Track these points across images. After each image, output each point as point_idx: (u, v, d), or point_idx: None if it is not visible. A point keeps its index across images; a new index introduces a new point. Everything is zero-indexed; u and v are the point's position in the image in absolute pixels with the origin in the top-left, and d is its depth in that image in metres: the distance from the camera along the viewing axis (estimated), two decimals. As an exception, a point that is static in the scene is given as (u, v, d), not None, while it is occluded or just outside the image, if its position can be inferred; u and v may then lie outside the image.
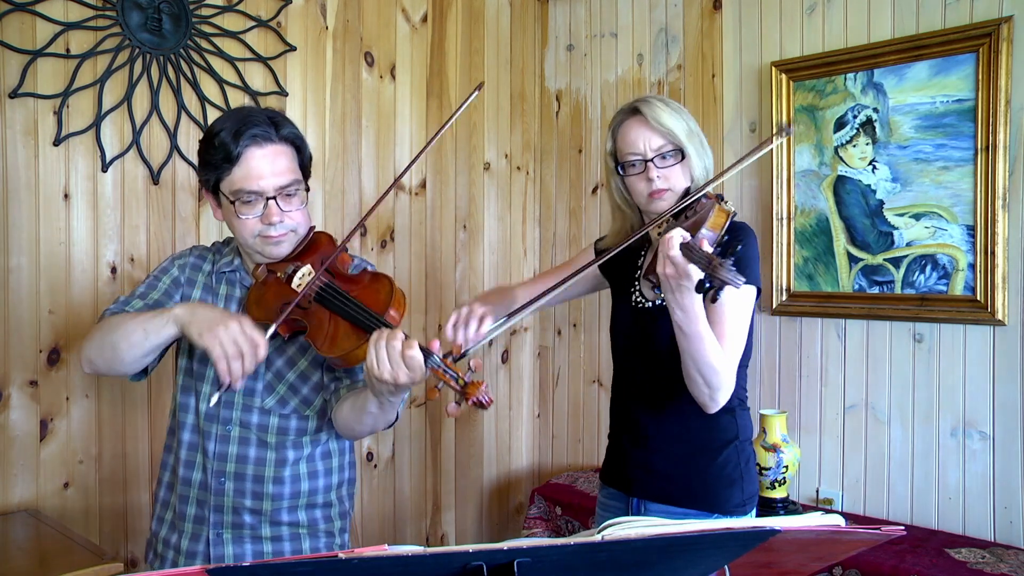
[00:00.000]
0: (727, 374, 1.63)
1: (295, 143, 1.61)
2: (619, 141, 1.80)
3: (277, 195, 1.55)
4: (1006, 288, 2.29)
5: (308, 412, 1.66)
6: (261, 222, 1.56)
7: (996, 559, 2.16)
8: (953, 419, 2.41)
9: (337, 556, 0.78)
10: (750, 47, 2.81)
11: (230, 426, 1.63)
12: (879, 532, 0.98)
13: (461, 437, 3.21)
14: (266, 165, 1.54)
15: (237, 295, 1.67)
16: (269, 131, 1.56)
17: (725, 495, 1.77)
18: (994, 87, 2.27)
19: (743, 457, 1.81)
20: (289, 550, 1.65)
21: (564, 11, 3.39)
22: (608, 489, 1.95)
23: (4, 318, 2.15)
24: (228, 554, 1.63)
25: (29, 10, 2.15)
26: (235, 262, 1.70)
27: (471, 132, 3.21)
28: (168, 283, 1.68)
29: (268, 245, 1.59)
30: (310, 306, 1.55)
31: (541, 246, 3.48)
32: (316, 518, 1.69)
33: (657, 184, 1.72)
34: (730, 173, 1.69)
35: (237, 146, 1.52)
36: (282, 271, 1.61)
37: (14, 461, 2.16)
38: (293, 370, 1.65)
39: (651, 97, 1.78)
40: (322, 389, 1.67)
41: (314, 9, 2.73)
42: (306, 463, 1.67)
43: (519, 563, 0.83)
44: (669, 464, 1.80)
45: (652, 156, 1.73)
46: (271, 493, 1.62)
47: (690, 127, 1.76)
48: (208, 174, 1.58)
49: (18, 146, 2.16)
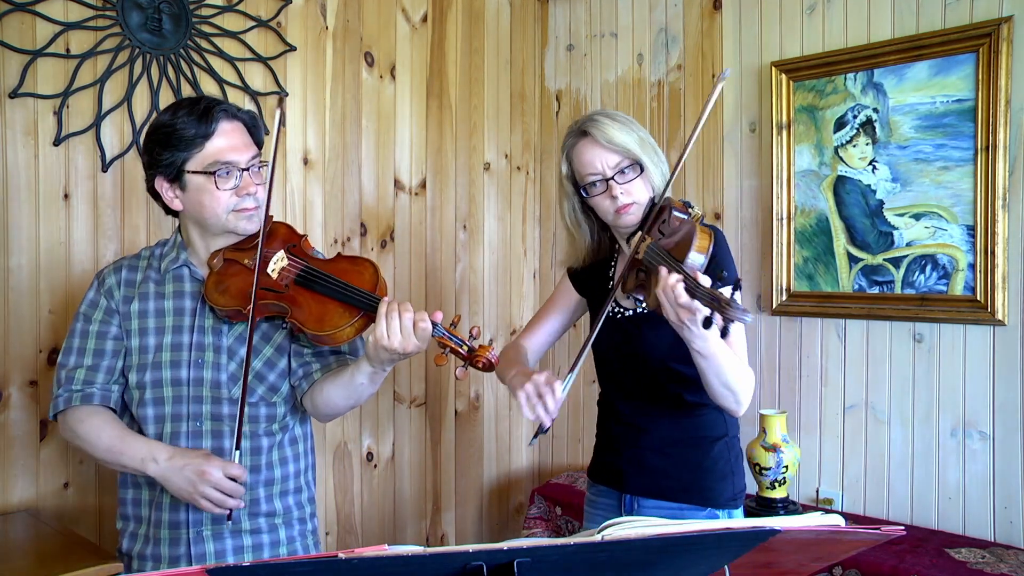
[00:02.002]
0: (748, 378, 1.66)
1: (248, 123, 1.66)
2: (575, 164, 1.81)
3: (249, 167, 1.60)
4: (1006, 288, 2.29)
5: (275, 399, 1.68)
6: (236, 194, 1.59)
7: (996, 559, 2.16)
8: (953, 419, 2.41)
9: (337, 556, 0.78)
10: (750, 47, 2.81)
11: (200, 421, 1.64)
12: (879, 532, 0.98)
13: (461, 437, 3.21)
14: (238, 137, 1.61)
15: (188, 289, 1.68)
16: (233, 107, 1.63)
17: (718, 489, 1.80)
18: (994, 87, 2.27)
19: (733, 453, 1.85)
20: (268, 541, 1.68)
21: (564, 11, 3.39)
22: (598, 487, 1.95)
23: (4, 318, 2.15)
24: (209, 551, 1.64)
25: (29, 10, 2.15)
26: (181, 257, 1.69)
27: (471, 132, 3.21)
28: (100, 319, 1.68)
29: (241, 219, 1.61)
30: (287, 289, 1.58)
31: (541, 246, 3.48)
32: (289, 505, 1.72)
33: (622, 200, 1.73)
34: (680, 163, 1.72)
35: (210, 121, 1.57)
36: (250, 258, 1.61)
37: (14, 461, 2.16)
38: (258, 358, 1.66)
39: (597, 115, 1.78)
40: (288, 375, 1.69)
41: (314, 9, 2.73)
42: (277, 449, 1.70)
43: (519, 563, 0.83)
44: (662, 460, 1.82)
45: (612, 174, 1.74)
46: (249, 483, 1.63)
47: (641, 137, 1.76)
48: (173, 156, 1.58)
49: (18, 146, 2.16)
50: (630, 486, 1.85)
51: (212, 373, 1.63)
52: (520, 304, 3.42)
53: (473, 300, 3.23)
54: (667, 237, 1.63)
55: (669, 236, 1.63)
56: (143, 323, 1.66)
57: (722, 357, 1.58)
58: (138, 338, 1.66)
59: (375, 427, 2.92)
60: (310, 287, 1.58)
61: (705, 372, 1.60)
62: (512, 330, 3.38)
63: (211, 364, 1.64)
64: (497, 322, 3.33)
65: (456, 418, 3.19)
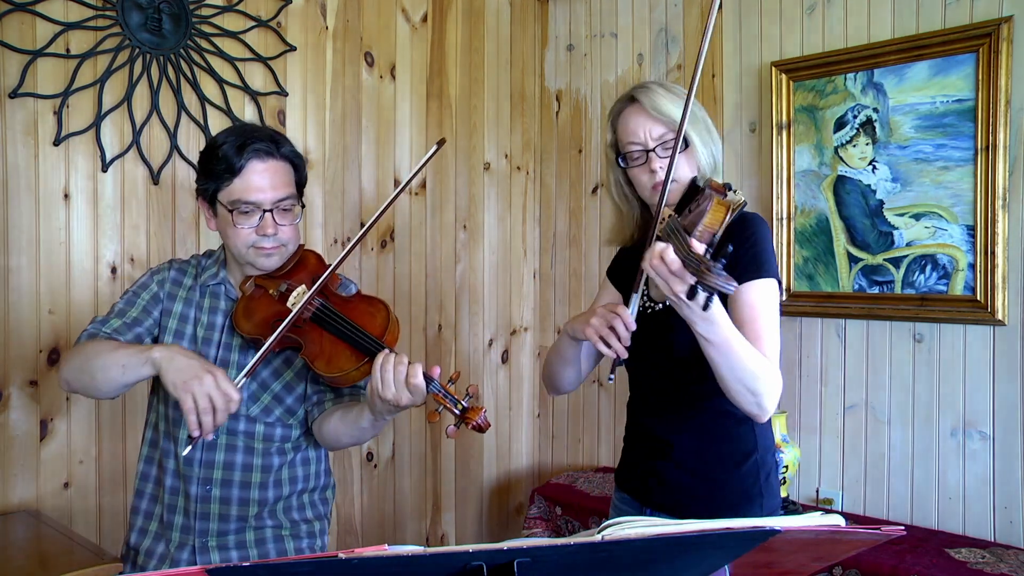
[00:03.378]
0: (770, 376, 1.51)
1: (294, 161, 1.67)
2: (619, 131, 1.69)
3: (273, 208, 1.61)
4: (1006, 288, 2.29)
5: (292, 421, 1.71)
6: (256, 233, 1.61)
7: (996, 559, 2.16)
8: (953, 419, 2.41)
9: (337, 556, 0.78)
10: (750, 47, 2.81)
11: (216, 434, 1.63)
12: (879, 532, 0.97)
13: (461, 437, 3.21)
14: (266, 179, 1.61)
15: (222, 307, 1.71)
16: (271, 147, 1.62)
17: (743, 511, 1.66)
18: (994, 87, 2.27)
19: (763, 471, 1.69)
20: (274, 552, 1.68)
21: (564, 11, 3.38)
22: (622, 494, 1.86)
23: (4, 318, 2.15)
24: (213, 561, 1.65)
25: (29, 10, 2.15)
26: (220, 274, 1.73)
27: (471, 132, 3.21)
28: (147, 299, 1.71)
29: (260, 256, 1.63)
30: (304, 325, 1.60)
31: (541, 246, 3.48)
32: (296, 520, 1.73)
33: (660, 175, 1.60)
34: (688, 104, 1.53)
35: (240, 159, 1.58)
36: (274, 288, 1.65)
37: (14, 461, 2.16)
38: (278, 381, 1.70)
39: (650, 83, 1.66)
40: (304, 400, 1.71)
41: (314, 9, 2.73)
42: (288, 468, 1.72)
43: (519, 563, 0.83)
44: (686, 477, 1.70)
45: (654, 146, 1.62)
46: (257, 499, 1.66)
47: (694, 112, 1.62)
48: (208, 183, 1.63)
49: (18, 146, 2.16)
50: (652, 501, 1.75)
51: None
52: (520, 304, 3.42)
53: (473, 300, 3.23)
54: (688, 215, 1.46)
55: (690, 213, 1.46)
56: (180, 326, 1.70)
57: (737, 348, 1.44)
58: (171, 337, 1.69)
59: (375, 427, 2.92)
60: (323, 326, 1.59)
61: (717, 364, 1.46)
62: (512, 330, 3.38)
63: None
64: (497, 322, 3.32)
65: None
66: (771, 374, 1.52)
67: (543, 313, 3.46)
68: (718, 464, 1.69)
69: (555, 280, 3.44)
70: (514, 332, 3.41)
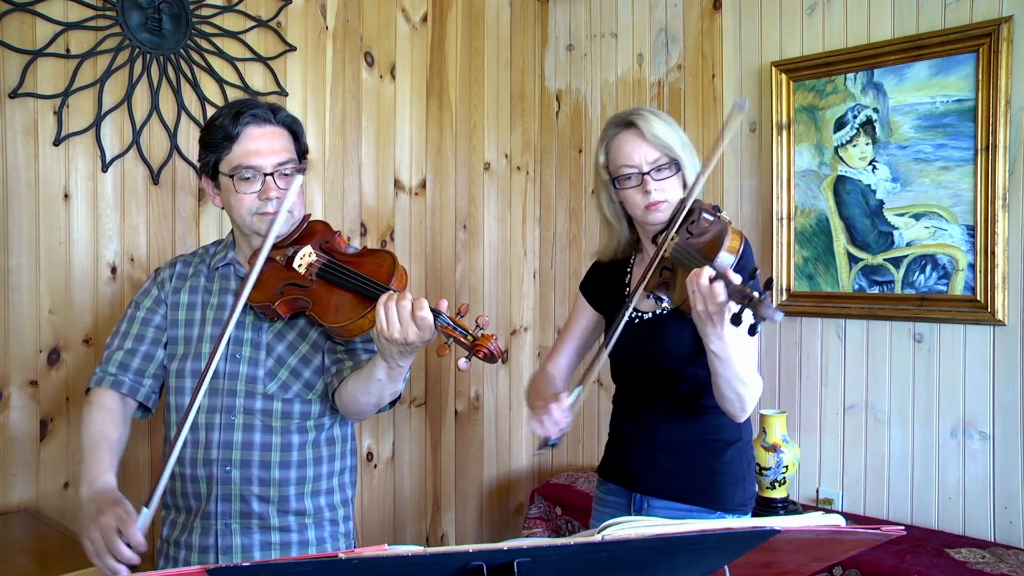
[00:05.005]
0: (756, 384, 1.67)
1: (292, 128, 1.70)
2: (612, 154, 1.79)
3: (274, 172, 1.63)
4: (1006, 288, 2.29)
5: (311, 396, 1.70)
6: (258, 198, 1.63)
7: (996, 559, 2.16)
8: (953, 419, 2.41)
9: (337, 556, 0.78)
10: (750, 47, 2.81)
11: (233, 415, 1.66)
12: (879, 532, 0.98)
13: (461, 437, 3.21)
14: (264, 143, 1.63)
15: (232, 287, 1.73)
16: (267, 113, 1.66)
17: (730, 493, 1.79)
18: (994, 87, 2.27)
19: (745, 459, 1.84)
20: (296, 540, 1.69)
21: (564, 11, 3.38)
22: (608, 484, 1.94)
23: (4, 318, 2.15)
24: (236, 545, 1.65)
25: (29, 10, 2.15)
26: (228, 255, 1.76)
27: (471, 132, 3.21)
28: (148, 306, 1.74)
29: (264, 222, 1.64)
30: (311, 283, 1.62)
31: (541, 246, 3.48)
32: (321, 506, 1.72)
33: (654, 196, 1.73)
34: (710, 167, 1.71)
35: (237, 125, 1.62)
36: (281, 255, 1.66)
37: (14, 461, 2.16)
38: (294, 355, 1.70)
39: (643, 110, 1.78)
40: (323, 372, 1.71)
41: (314, 9, 2.73)
42: (311, 448, 1.71)
43: (519, 563, 0.83)
44: (674, 461, 1.81)
45: (648, 169, 1.74)
46: (278, 478, 1.66)
47: (683, 139, 1.77)
48: (208, 155, 1.66)
49: (18, 146, 2.16)
50: (641, 486, 1.84)
51: (248, 368, 1.67)
52: (520, 304, 3.42)
53: (473, 300, 3.23)
54: (696, 237, 1.64)
55: (698, 236, 1.64)
56: (189, 314, 1.73)
57: (737, 361, 1.57)
58: (182, 328, 1.72)
59: (375, 427, 2.92)
60: (329, 280, 1.60)
61: (718, 375, 1.60)
62: (512, 330, 3.39)
63: (247, 359, 1.68)
64: (497, 322, 3.32)
65: (456, 418, 3.19)
66: (757, 382, 1.68)
67: (543, 313, 3.46)
68: (704, 449, 1.81)
69: (555, 280, 3.44)
70: (514, 332, 3.41)
